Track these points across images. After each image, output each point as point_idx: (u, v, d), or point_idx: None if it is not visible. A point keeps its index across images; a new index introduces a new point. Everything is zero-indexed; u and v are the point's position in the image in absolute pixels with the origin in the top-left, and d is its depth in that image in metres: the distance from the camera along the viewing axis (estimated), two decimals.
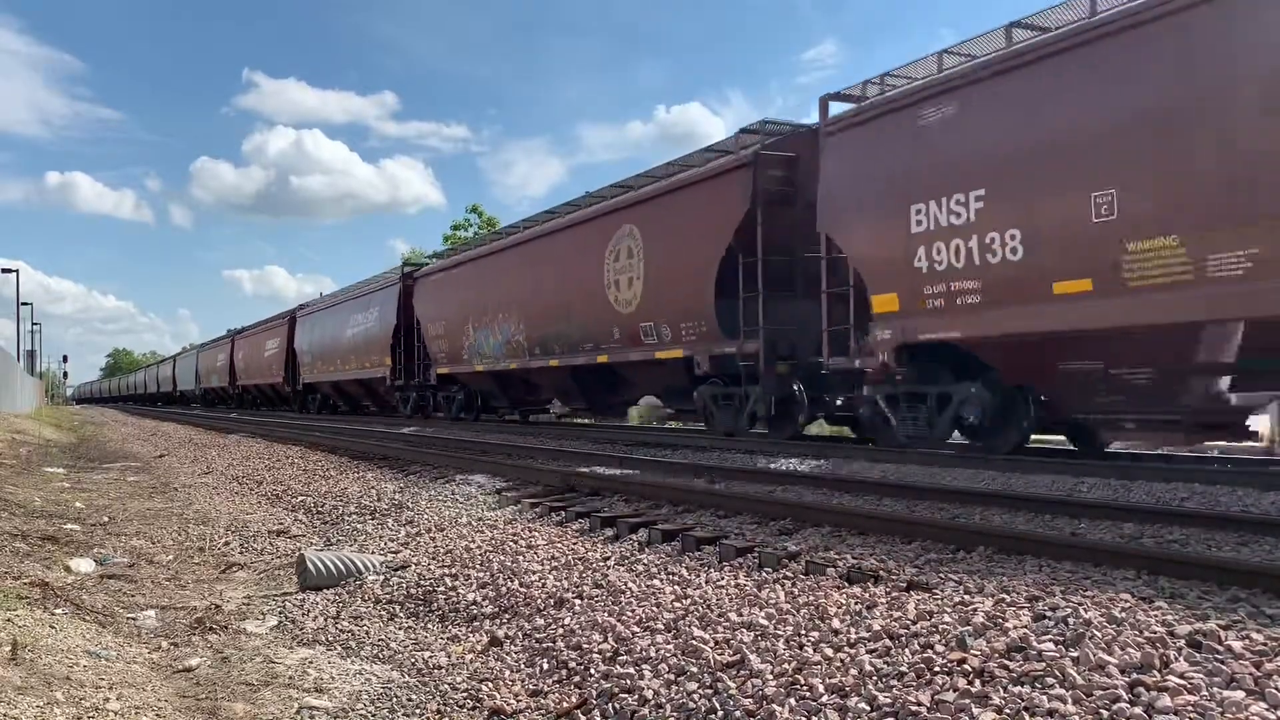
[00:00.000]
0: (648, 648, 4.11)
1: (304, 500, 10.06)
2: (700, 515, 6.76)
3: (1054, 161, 8.38)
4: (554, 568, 5.68)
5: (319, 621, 5.54)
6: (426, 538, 7.17)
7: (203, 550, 7.99)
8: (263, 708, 4.08)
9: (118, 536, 8.48)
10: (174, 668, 4.63)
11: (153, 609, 5.82)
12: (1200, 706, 2.68)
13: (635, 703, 3.67)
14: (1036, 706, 2.84)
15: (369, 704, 4.12)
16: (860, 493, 7.46)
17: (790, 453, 10.85)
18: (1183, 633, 3.20)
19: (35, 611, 5.22)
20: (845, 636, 3.73)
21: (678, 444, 13.22)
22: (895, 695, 3.13)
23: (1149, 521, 5.71)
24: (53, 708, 3.71)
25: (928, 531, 5.42)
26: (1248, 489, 7.01)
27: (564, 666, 4.23)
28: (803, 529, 6.01)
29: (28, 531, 7.96)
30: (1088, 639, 3.20)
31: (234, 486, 12.25)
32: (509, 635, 4.80)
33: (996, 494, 6.92)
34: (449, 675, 4.40)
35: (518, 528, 6.98)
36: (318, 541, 7.98)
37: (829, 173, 10.99)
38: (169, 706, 4.02)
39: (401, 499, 9.00)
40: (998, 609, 3.70)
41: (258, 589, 6.54)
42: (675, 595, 4.72)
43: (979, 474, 8.37)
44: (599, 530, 6.65)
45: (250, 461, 14.88)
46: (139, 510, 10.35)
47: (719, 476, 8.90)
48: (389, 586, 6.06)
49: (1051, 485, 7.73)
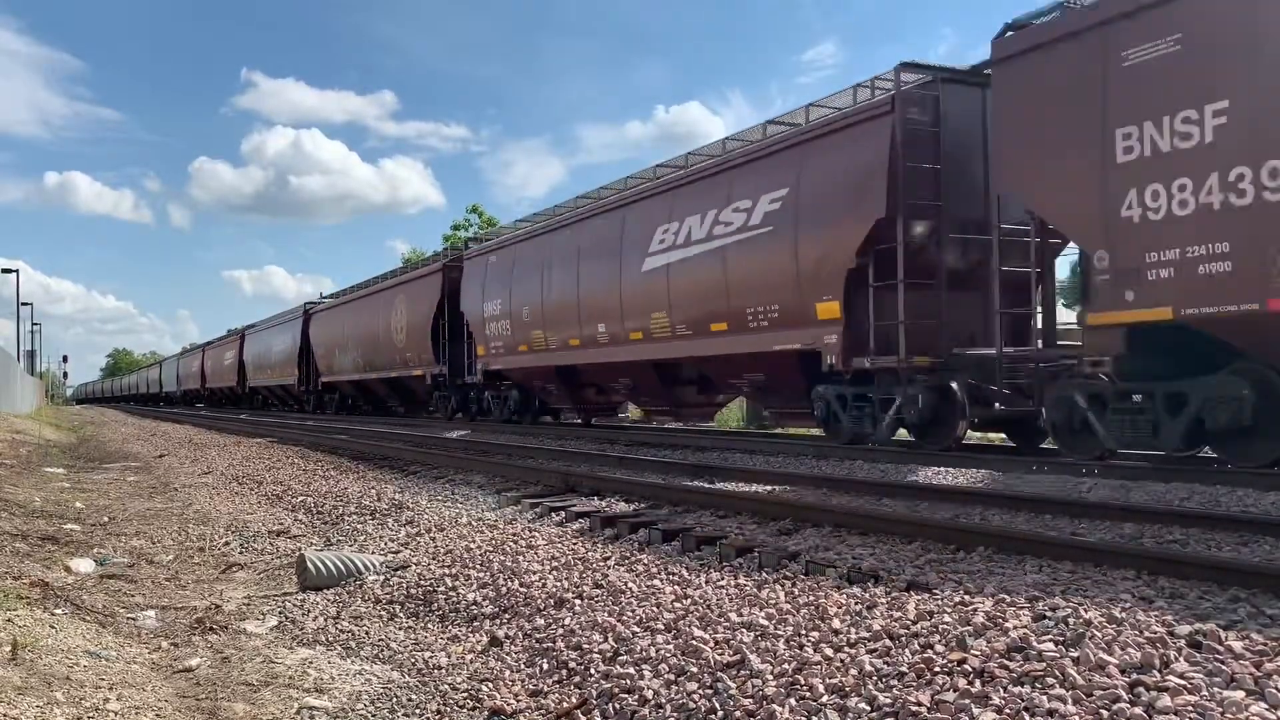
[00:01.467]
0: (648, 648, 4.10)
1: (304, 500, 10.06)
2: (700, 515, 6.76)
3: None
4: (554, 568, 5.68)
5: (319, 622, 5.53)
6: (427, 538, 7.17)
7: (203, 550, 7.99)
8: (263, 708, 4.07)
9: (118, 537, 8.48)
10: (174, 668, 4.63)
11: (153, 609, 5.82)
12: (1200, 706, 2.68)
13: (635, 703, 3.67)
14: (1037, 707, 2.84)
15: (369, 704, 4.12)
16: (860, 493, 7.46)
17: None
18: (1183, 633, 3.20)
19: (35, 611, 5.22)
20: (845, 636, 3.73)
21: (678, 444, 13.22)
22: (895, 695, 3.13)
23: (1149, 521, 5.71)
24: (53, 708, 3.71)
25: (928, 531, 5.42)
26: (1248, 489, 7.01)
27: (564, 666, 4.23)
28: (803, 529, 6.01)
29: (28, 531, 7.96)
30: (1088, 639, 3.19)
31: (234, 487, 12.24)
32: (509, 635, 4.80)
33: (996, 494, 6.93)
34: (449, 675, 4.40)
35: (518, 528, 6.98)
36: (318, 541, 7.98)
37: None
38: (169, 707, 4.02)
39: (401, 499, 9.00)
40: (998, 609, 3.70)
41: (258, 589, 6.54)
42: (675, 595, 4.72)
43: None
44: (599, 530, 6.65)
45: (250, 462, 14.88)
46: (139, 510, 10.34)
47: (719, 476, 8.91)
48: (389, 586, 6.06)
49: (1051, 485, 7.73)
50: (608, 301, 15.60)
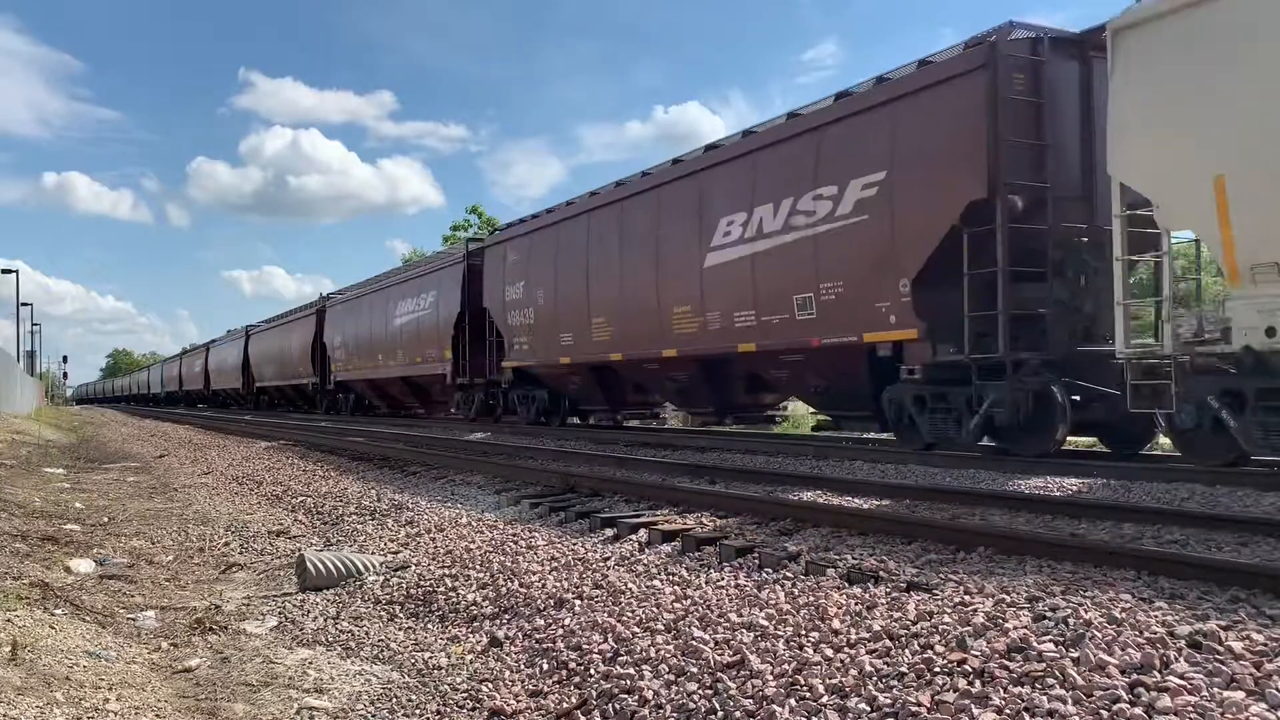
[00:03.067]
0: (648, 648, 4.10)
1: (304, 501, 10.06)
2: (700, 515, 6.76)
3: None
4: (554, 568, 5.67)
5: (319, 622, 5.53)
6: (426, 538, 7.17)
7: (203, 551, 7.99)
8: (263, 708, 4.08)
9: (117, 537, 8.48)
10: (174, 668, 4.63)
11: (152, 609, 5.82)
12: (1200, 707, 2.68)
13: (635, 703, 3.66)
14: (1037, 707, 2.84)
15: (369, 704, 4.12)
16: (860, 493, 7.46)
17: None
18: (1183, 633, 3.19)
19: (35, 612, 5.22)
20: (845, 637, 3.73)
21: (678, 445, 13.21)
22: (895, 696, 3.13)
23: (1149, 521, 5.71)
24: (53, 708, 3.71)
25: (928, 532, 5.41)
26: (1248, 489, 7.01)
27: (564, 667, 4.23)
28: (803, 529, 6.00)
29: (28, 532, 7.96)
30: (1088, 639, 3.19)
31: (234, 487, 12.25)
32: (509, 636, 4.80)
33: (996, 494, 6.92)
34: (449, 676, 4.40)
35: (518, 528, 6.97)
36: (317, 542, 7.98)
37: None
38: (169, 707, 4.02)
39: (401, 499, 8.99)
40: (998, 609, 3.70)
41: (258, 589, 6.54)
42: (675, 596, 4.72)
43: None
44: (599, 530, 6.64)
45: (250, 462, 14.87)
46: (139, 511, 10.34)
47: (719, 477, 8.90)
48: (389, 587, 6.06)
49: (1052, 485, 7.73)
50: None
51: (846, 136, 10.71)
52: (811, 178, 11.08)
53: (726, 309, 12.51)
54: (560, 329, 16.67)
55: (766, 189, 11.82)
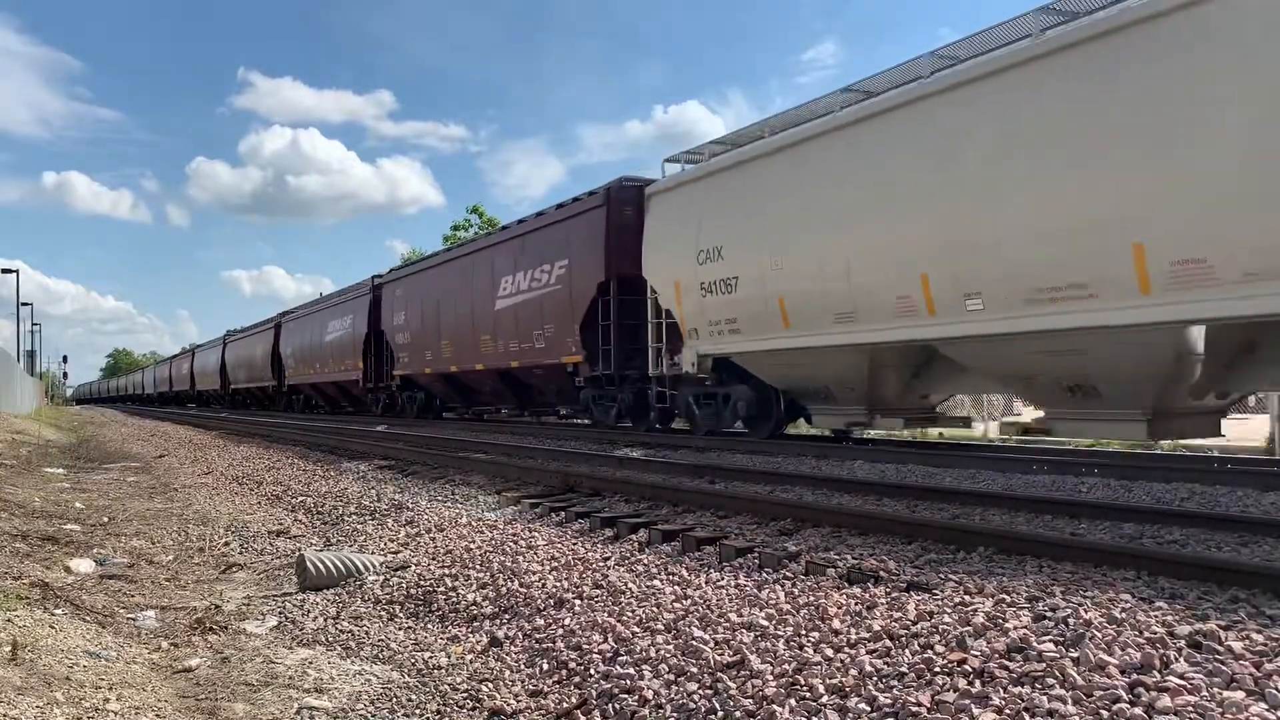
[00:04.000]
0: (648, 648, 4.10)
1: (304, 500, 10.06)
2: (700, 515, 6.76)
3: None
4: (554, 568, 5.67)
5: (319, 622, 5.53)
6: (426, 538, 7.17)
7: (202, 550, 7.99)
8: (263, 708, 4.08)
9: (117, 537, 8.48)
10: (174, 668, 4.63)
11: (152, 609, 5.82)
12: (1200, 707, 2.68)
13: (635, 703, 3.67)
14: (1037, 707, 2.84)
15: (369, 704, 4.12)
16: (860, 493, 7.46)
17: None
18: (1183, 633, 3.20)
19: (35, 612, 5.22)
20: (845, 637, 3.73)
21: (678, 445, 13.22)
22: (895, 696, 3.13)
23: (1149, 522, 5.71)
24: (53, 708, 3.71)
25: (928, 531, 5.42)
26: (1248, 489, 7.01)
27: (564, 667, 4.23)
28: (803, 529, 6.00)
29: (28, 532, 7.96)
30: (1088, 639, 3.20)
31: (234, 487, 12.25)
32: (509, 635, 4.80)
33: (996, 494, 6.92)
34: (449, 675, 4.40)
35: (518, 528, 6.97)
36: (317, 542, 7.98)
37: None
38: (169, 707, 4.02)
39: (401, 499, 8.99)
40: (998, 609, 3.70)
41: (258, 589, 6.54)
42: (675, 596, 4.72)
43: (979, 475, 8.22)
44: (599, 530, 6.65)
45: (250, 462, 14.88)
46: (139, 510, 10.34)
47: (719, 477, 8.90)
48: (389, 587, 6.05)
49: (1052, 485, 7.73)
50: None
51: (553, 237, 17.27)
52: (539, 259, 17.60)
53: (506, 339, 18.73)
54: (425, 347, 22.87)
55: (524, 262, 18.22)
